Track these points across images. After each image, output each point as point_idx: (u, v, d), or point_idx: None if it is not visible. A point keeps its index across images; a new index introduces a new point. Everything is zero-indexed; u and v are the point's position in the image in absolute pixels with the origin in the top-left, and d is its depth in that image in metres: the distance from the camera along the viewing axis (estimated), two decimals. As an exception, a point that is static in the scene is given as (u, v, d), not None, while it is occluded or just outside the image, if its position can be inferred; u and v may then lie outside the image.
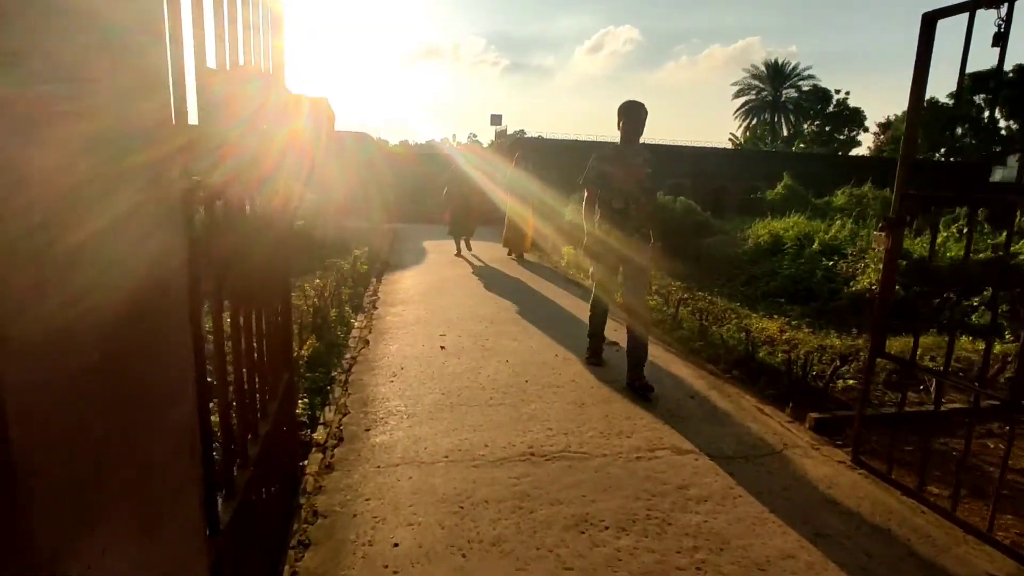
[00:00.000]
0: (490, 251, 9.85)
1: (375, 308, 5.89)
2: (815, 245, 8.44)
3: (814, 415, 3.51)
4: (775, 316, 6.31)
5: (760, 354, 4.57)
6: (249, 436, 1.70)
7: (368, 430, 3.14)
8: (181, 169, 1.14)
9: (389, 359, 4.31)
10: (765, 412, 3.64)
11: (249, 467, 1.63)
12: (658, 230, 9.96)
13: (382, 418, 3.29)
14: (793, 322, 5.88)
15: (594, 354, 4.37)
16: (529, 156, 9.33)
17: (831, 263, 7.69)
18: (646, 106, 3.99)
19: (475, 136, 52.47)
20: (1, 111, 0.60)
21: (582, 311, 5.98)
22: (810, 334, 5.40)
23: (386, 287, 6.93)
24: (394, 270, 8.12)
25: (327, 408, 3.44)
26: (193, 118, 1.48)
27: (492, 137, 24.79)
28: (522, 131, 24.85)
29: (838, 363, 4.20)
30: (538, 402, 3.57)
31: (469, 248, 9.69)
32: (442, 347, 4.57)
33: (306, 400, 3.51)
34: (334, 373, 4.01)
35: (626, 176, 3.94)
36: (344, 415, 3.34)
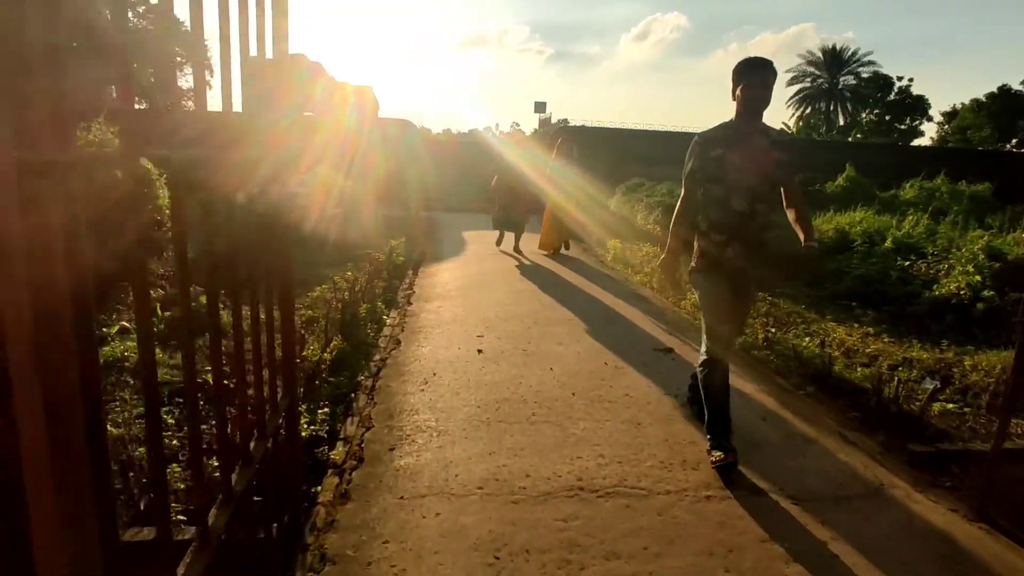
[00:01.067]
0: (533, 242, 9.42)
1: (409, 304, 5.54)
2: (887, 243, 7.70)
3: (914, 447, 2.98)
4: (847, 322, 5.71)
5: (837, 367, 4.02)
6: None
7: (392, 449, 2.77)
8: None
9: (421, 363, 3.94)
10: (850, 440, 3.12)
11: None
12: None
13: (409, 435, 2.92)
14: (869, 329, 5.27)
15: (719, 446, 2.72)
16: (573, 143, 8.69)
17: (907, 263, 6.96)
18: (772, 65, 2.76)
19: (518, 124, 51.90)
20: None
21: (632, 312, 5.57)
22: (890, 343, 4.80)
23: (423, 280, 6.59)
24: (432, 262, 7.79)
25: (349, 419, 3.09)
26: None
27: (536, 125, 24.29)
28: (565, 120, 24.20)
29: (938, 384, 3.62)
30: (587, 420, 3.13)
31: (517, 249, 8.63)
32: (479, 351, 4.17)
33: (326, 410, 3.17)
34: (360, 377, 3.67)
35: (749, 165, 2.73)
36: (367, 429, 2.99)
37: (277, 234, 1.88)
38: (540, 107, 23.22)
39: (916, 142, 44.66)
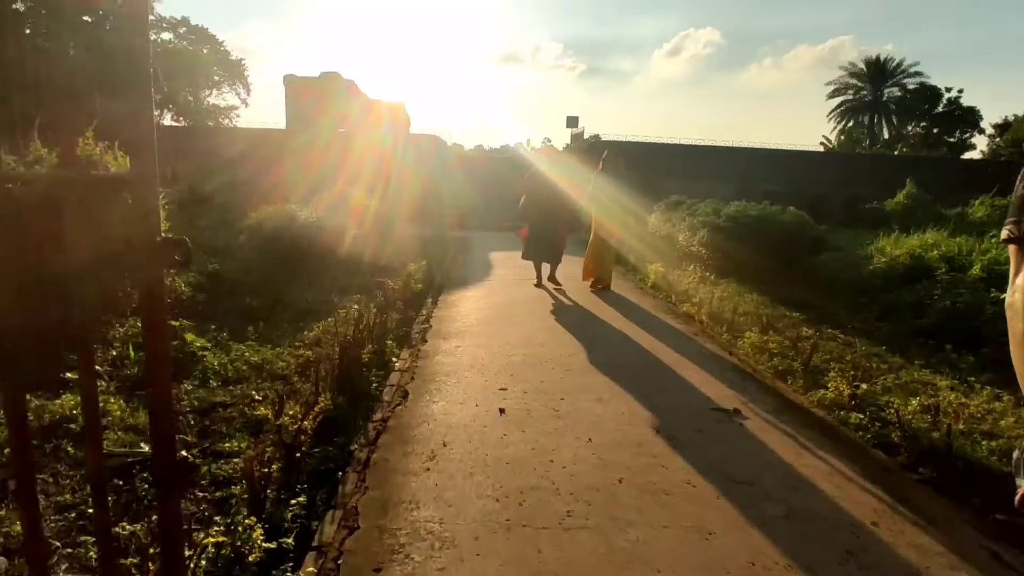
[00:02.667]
0: (566, 267, 8.68)
1: (424, 341, 4.85)
2: (975, 269, 6.71)
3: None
4: (938, 367, 4.80)
5: (957, 442, 3.15)
6: None
7: (378, 571, 2.05)
8: None
9: (430, 426, 3.22)
10: (1003, 558, 2.28)
11: None
12: (762, 246, 8.59)
13: (403, 545, 2.19)
14: (972, 380, 4.36)
15: None
16: (621, 157, 7.60)
17: (1003, 295, 5.99)
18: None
19: (549, 140, 51.48)
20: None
21: (681, 355, 4.73)
22: (1013, 405, 3.89)
23: (442, 311, 5.90)
24: (455, 287, 7.10)
25: (330, 514, 2.38)
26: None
27: (568, 141, 23.66)
28: (597, 135, 23.52)
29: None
30: (640, 524, 2.36)
31: (554, 281, 7.41)
32: (501, 410, 3.43)
33: (302, 499, 2.48)
34: (354, 446, 2.97)
35: None
36: (350, 532, 2.27)
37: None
38: (572, 122, 22.55)
39: (967, 155, 42.56)
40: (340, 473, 2.72)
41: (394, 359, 4.38)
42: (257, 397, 3.53)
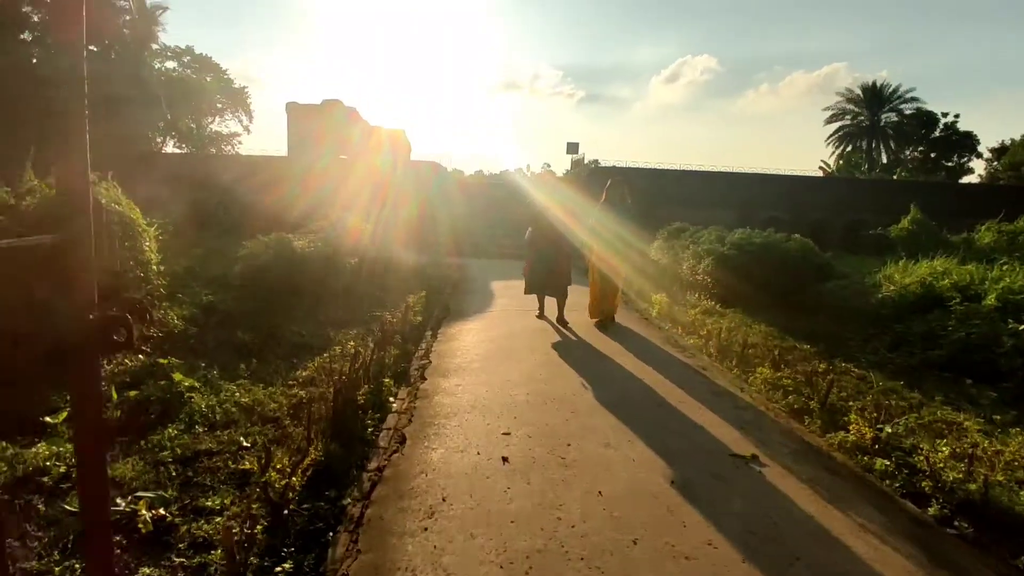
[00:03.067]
0: (570, 296, 8.50)
1: (423, 378, 4.65)
2: (990, 299, 6.53)
3: None
4: (958, 402, 4.61)
5: (995, 490, 2.94)
6: None
7: (370, 656, 1.84)
8: None
9: (428, 477, 3.01)
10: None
11: None
12: (768, 275, 8.43)
13: (398, 623, 1.98)
14: (998, 419, 4.16)
15: None
16: (626, 187, 7.08)
17: (1021, 327, 5.80)
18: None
19: (548, 165, 51.80)
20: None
21: (691, 392, 4.45)
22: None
23: (442, 345, 5.71)
24: (455, 319, 6.92)
25: (317, 585, 2.17)
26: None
27: (567, 166, 23.70)
28: (596, 161, 23.57)
29: None
30: (658, 595, 2.15)
31: (562, 322, 6.76)
32: (504, 458, 3.22)
33: (288, 565, 2.26)
34: (347, 501, 2.76)
35: None
36: (340, 607, 2.06)
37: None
38: (573, 148, 22.60)
39: (965, 179, 42.76)
40: (331, 533, 2.51)
41: (391, 399, 4.18)
42: (245, 444, 3.33)
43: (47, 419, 3.56)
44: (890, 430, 3.67)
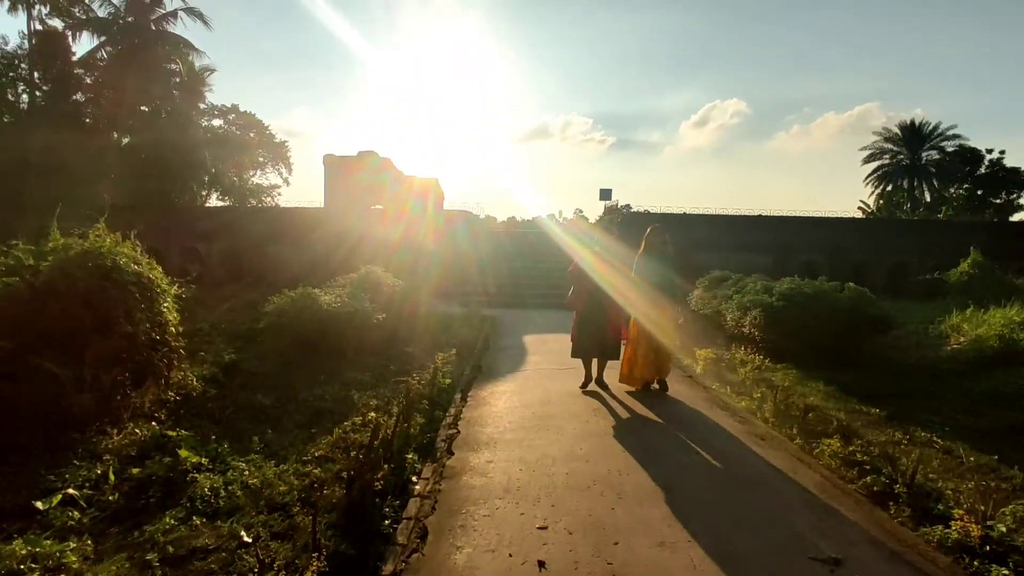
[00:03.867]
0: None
1: (450, 452, 4.22)
2: (1083, 356, 5.85)
3: None
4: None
5: None
6: None
7: None
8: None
9: (452, 588, 2.56)
10: None
11: None
12: (821, 327, 7.81)
13: None
14: None
15: None
16: (666, 236, 6.25)
17: None
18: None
19: (581, 211, 51.81)
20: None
21: (753, 470, 3.84)
22: None
23: (472, 411, 5.28)
24: (486, 380, 6.50)
25: None
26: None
27: (600, 212, 23.46)
28: (628, 205, 23.27)
29: None
30: None
31: (601, 382, 6.23)
32: (540, 563, 2.75)
33: None
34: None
35: None
36: None
37: None
38: (606, 194, 22.36)
39: (1017, 216, 40.99)
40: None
41: (414, 478, 3.75)
42: (247, 539, 2.93)
43: (38, 504, 3.24)
44: (1003, 528, 3.08)
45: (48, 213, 5.32)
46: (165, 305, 5.09)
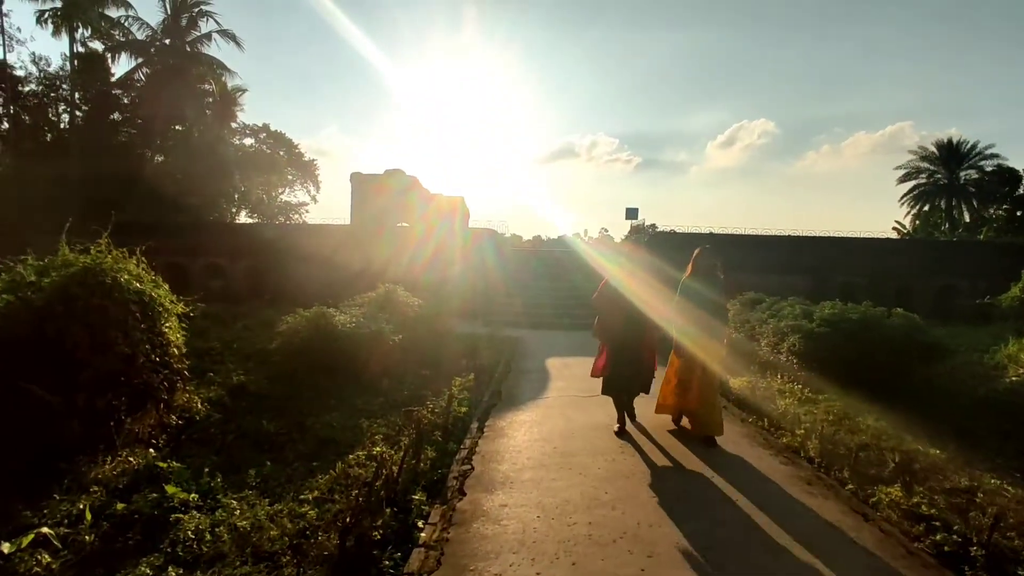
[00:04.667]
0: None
1: (462, 493, 3.82)
2: None
3: None
4: None
5: None
6: None
7: None
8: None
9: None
10: None
11: None
12: (869, 357, 7.21)
13: None
14: None
15: None
16: (717, 259, 5.42)
17: None
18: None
19: (606, 230, 51.37)
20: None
21: (803, 529, 3.25)
22: None
23: (488, 444, 4.89)
24: (505, 408, 6.10)
25: None
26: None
27: (626, 231, 23.02)
28: (653, 225, 22.78)
29: None
30: None
31: (631, 416, 5.63)
32: (559, 643, 2.34)
33: None
34: None
35: None
36: None
37: None
38: (632, 214, 21.89)
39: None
40: None
41: (420, 523, 3.37)
42: (225, 597, 2.59)
43: (4, 547, 2.94)
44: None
45: (80, 229, 5.14)
46: (168, 325, 4.84)
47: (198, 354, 7.84)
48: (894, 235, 38.82)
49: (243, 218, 35.19)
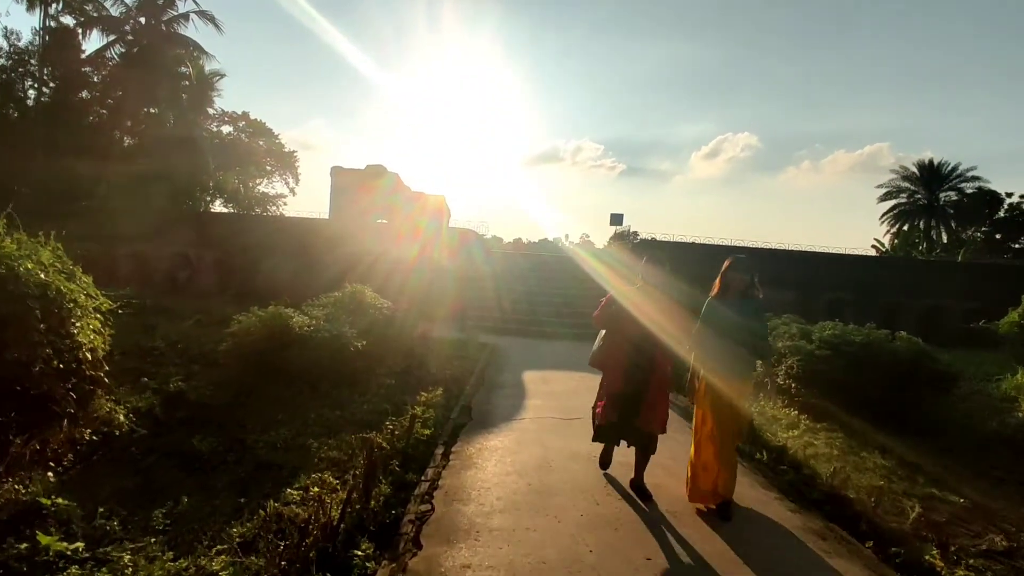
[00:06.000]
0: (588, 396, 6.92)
1: (417, 546, 3.14)
2: None
3: None
4: None
5: None
6: None
7: None
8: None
9: None
10: None
11: None
12: (875, 383, 6.64)
13: None
14: None
15: None
16: (755, 271, 4.09)
17: None
18: None
19: (587, 235, 50.97)
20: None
21: None
22: None
23: (453, 477, 4.20)
24: (475, 431, 5.42)
25: None
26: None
27: (607, 237, 22.44)
28: (636, 232, 22.25)
29: None
30: None
31: (642, 487, 4.10)
32: None
33: None
34: None
35: None
36: None
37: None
38: (617, 219, 21.33)
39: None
40: None
41: (359, 591, 2.70)
42: None
43: None
44: None
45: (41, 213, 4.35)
46: (79, 324, 4.09)
47: (140, 354, 7.06)
48: (873, 252, 38.95)
49: (218, 207, 33.98)
